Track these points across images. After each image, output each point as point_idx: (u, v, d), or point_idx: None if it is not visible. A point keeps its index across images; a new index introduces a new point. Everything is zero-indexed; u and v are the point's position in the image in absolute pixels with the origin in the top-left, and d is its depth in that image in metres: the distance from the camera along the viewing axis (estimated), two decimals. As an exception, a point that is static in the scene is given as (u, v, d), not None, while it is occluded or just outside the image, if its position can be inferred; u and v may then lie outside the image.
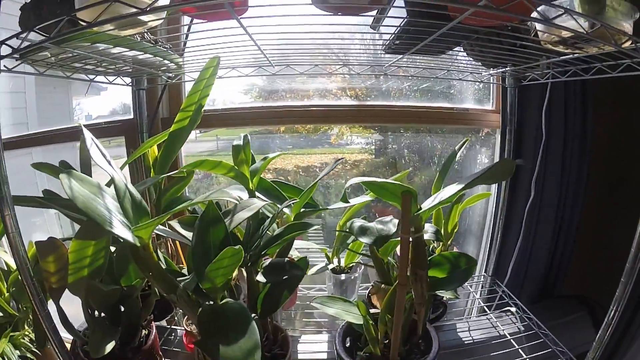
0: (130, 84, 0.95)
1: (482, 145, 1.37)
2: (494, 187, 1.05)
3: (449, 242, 0.89)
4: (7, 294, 1.16)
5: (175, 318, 0.94)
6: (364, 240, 0.55)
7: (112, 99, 2.40)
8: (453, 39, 0.69)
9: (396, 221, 0.61)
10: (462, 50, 0.79)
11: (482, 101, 1.12)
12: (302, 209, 0.63)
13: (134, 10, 0.45)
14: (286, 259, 0.58)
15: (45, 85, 1.71)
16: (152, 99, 0.98)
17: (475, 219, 1.22)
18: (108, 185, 0.52)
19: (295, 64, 0.82)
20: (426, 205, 0.53)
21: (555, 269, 1.04)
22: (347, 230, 0.62)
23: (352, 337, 0.66)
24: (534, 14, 0.46)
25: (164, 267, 0.56)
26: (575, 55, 0.65)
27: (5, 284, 1.15)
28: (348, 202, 0.69)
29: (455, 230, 0.90)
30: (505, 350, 0.85)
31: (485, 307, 1.00)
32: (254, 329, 0.42)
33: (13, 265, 1.21)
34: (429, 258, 0.58)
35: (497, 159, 1.07)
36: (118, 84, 0.92)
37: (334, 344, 0.63)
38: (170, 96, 1.03)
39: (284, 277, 0.56)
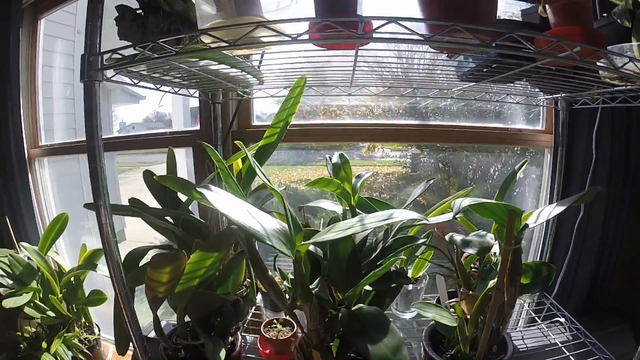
0: (207, 98, 0.99)
1: (517, 161, 1.43)
2: (547, 205, 1.11)
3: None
4: (60, 295, 1.19)
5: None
6: (469, 251, 0.61)
7: (146, 108, 2.44)
8: (527, 72, 0.75)
9: (492, 235, 0.68)
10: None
11: (529, 120, 1.18)
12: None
13: (281, 37, 0.50)
14: (392, 268, 0.62)
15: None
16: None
17: (526, 234, 1.27)
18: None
19: (369, 85, 0.87)
20: (531, 222, 0.59)
21: (600, 283, 1.09)
22: (449, 241, 0.68)
23: (433, 341, 0.72)
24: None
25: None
26: (628, 87, 0.74)
27: (58, 285, 1.19)
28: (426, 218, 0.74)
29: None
30: (556, 357, 0.90)
31: (535, 317, 1.04)
32: (394, 329, 0.47)
33: (66, 267, 1.25)
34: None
35: (547, 177, 1.12)
36: (196, 97, 0.96)
37: (421, 345, 0.68)
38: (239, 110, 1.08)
39: (392, 285, 0.60)
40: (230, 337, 0.74)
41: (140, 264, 0.74)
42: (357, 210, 0.70)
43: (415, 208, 0.91)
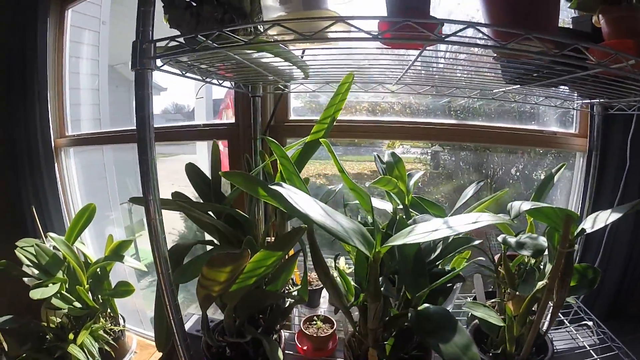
0: (247, 90, 0.98)
1: (539, 162, 1.44)
2: (577, 208, 1.11)
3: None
4: (87, 286, 1.19)
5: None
6: (524, 252, 0.63)
7: (164, 99, 2.44)
8: (574, 79, 0.76)
9: (543, 237, 0.69)
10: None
11: (556, 120, 1.18)
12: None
13: (360, 34, 0.49)
14: (447, 267, 0.63)
15: (111, 84, 1.76)
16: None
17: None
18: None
19: (415, 84, 0.87)
20: (588, 227, 0.60)
21: (626, 289, 1.10)
22: (502, 242, 0.68)
23: (476, 340, 0.72)
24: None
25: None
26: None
27: (85, 275, 1.19)
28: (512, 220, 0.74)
29: None
30: (586, 360, 0.91)
31: (564, 320, 1.05)
32: (462, 328, 0.47)
33: (92, 257, 1.25)
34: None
35: (579, 181, 1.13)
36: (239, 90, 0.95)
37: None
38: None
39: (447, 285, 0.60)
40: (275, 334, 0.74)
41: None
42: (409, 209, 0.71)
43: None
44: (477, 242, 0.64)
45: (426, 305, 0.52)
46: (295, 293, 0.77)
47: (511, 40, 0.49)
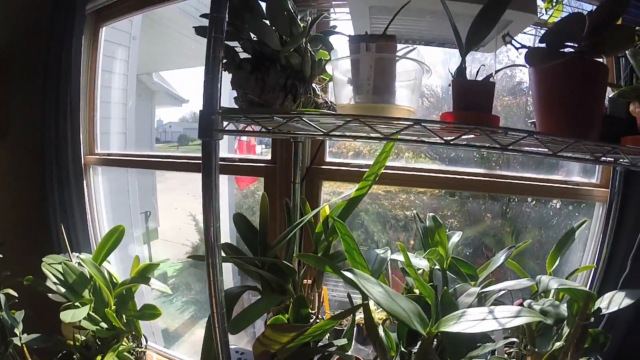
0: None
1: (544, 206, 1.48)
2: (594, 255, 1.16)
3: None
4: (114, 307, 1.22)
5: None
6: (547, 321, 0.69)
7: (184, 108, 2.47)
8: None
9: (564, 306, 0.74)
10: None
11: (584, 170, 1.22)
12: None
13: (435, 139, 0.53)
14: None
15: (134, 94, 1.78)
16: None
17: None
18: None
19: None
20: (604, 306, 0.66)
21: (634, 338, 1.14)
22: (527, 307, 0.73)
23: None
24: None
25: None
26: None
27: (112, 297, 1.21)
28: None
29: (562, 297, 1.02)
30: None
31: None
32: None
33: (119, 278, 1.27)
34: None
35: (598, 231, 1.17)
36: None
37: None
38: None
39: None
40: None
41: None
42: (447, 272, 0.75)
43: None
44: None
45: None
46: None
47: (564, 148, 0.54)
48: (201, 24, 0.73)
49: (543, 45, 0.55)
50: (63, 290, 1.17)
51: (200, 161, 0.58)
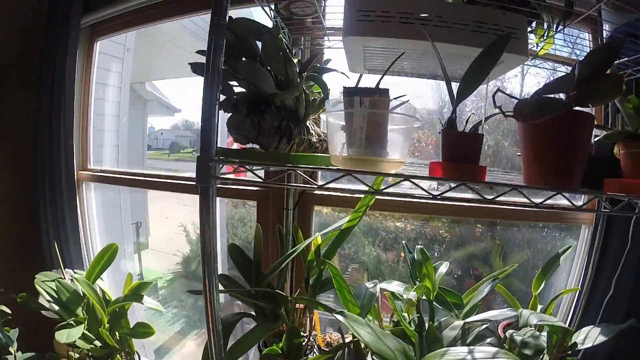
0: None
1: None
2: (579, 277, 1.19)
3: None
4: (107, 325, 1.22)
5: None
6: (526, 351, 0.73)
7: (175, 115, 2.47)
8: None
9: (544, 336, 0.78)
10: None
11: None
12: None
13: (423, 194, 0.55)
14: None
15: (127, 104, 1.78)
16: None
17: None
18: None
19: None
20: (579, 341, 0.70)
21: (618, 354, 1.18)
22: (509, 338, 0.76)
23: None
24: None
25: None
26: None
27: (106, 315, 1.22)
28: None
29: None
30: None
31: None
32: None
33: (109, 292, 1.28)
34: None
35: (583, 253, 1.21)
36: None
37: None
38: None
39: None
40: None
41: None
42: (434, 303, 0.77)
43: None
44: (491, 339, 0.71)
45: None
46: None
47: (545, 200, 0.58)
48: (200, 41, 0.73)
49: (531, 99, 0.57)
50: (57, 308, 1.18)
51: (194, 182, 0.59)
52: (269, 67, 0.70)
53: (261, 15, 1.21)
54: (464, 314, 0.81)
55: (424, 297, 0.78)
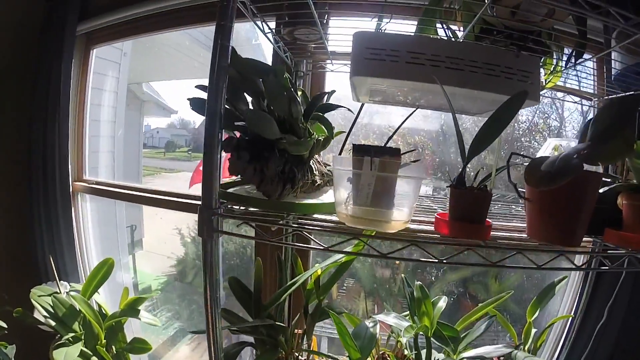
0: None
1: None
2: (573, 308, 1.21)
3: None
4: (104, 341, 1.22)
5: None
6: None
7: (174, 117, 2.44)
8: None
9: None
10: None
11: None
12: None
13: (430, 257, 0.55)
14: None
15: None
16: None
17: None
18: None
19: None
20: None
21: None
22: None
23: None
24: None
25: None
26: None
27: (103, 330, 1.22)
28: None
29: (540, 346, 1.08)
30: None
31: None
32: None
33: (106, 306, 1.27)
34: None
35: (578, 280, 1.22)
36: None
37: None
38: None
39: None
40: None
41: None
42: (431, 339, 0.78)
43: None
44: None
45: None
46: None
47: (544, 263, 0.57)
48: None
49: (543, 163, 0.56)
50: (53, 323, 1.17)
51: (193, 200, 0.58)
52: (272, 107, 0.68)
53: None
54: (459, 350, 0.82)
55: (421, 334, 0.79)
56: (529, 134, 1.54)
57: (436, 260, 0.52)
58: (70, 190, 1.35)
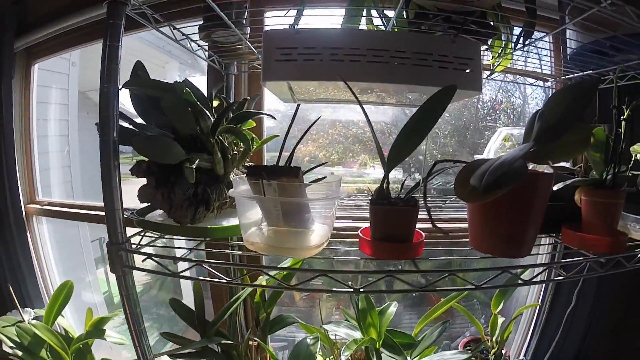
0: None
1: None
2: (540, 295, 1.19)
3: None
4: (71, 366, 1.20)
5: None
6: None
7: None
8: None
9: None
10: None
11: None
12: None
13: (345, 287, 0.51)
14: None
15: (81, 111, 1.68)
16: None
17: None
18: None
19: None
20: None
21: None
22: None
23: None
24: None
25: None
26: None
27: (69, 356, 1.20)
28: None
29: (507, 337, 1.06)
30: None
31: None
32: None
33: (72, 329, 1.25)
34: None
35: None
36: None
37: None
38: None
39: None
40: None
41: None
42: (381, 349, 0.75)
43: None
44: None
45: None
46: None
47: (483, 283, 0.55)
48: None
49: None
50: (20, 353, 1.15)
51: None
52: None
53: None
54: (413, 358, 0.80)
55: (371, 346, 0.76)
56: (494, 113, 1.50)
57: (352, 290, 0.48)
58: (24, 214, 1.31)
